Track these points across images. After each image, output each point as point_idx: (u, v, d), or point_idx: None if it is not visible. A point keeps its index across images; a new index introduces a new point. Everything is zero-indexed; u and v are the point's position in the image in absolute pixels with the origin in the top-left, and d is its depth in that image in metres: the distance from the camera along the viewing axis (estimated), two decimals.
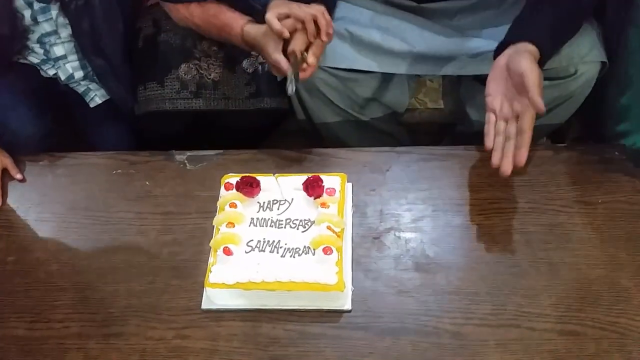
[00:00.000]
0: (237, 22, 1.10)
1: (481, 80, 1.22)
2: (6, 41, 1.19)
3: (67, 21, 1.19)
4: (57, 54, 1.23)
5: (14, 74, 1.24)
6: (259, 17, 1.05)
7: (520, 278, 0.90)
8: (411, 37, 1.17)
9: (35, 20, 1.18)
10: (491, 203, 1.00)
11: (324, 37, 0.99)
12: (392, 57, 1.17)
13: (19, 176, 1.11)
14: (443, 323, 0.86)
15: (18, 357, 0.88)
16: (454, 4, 1.18)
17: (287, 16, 0.98)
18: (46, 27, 1.19)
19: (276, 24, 0.98)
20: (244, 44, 1.11)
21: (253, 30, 1.06)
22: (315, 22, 0.98)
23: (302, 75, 1.00)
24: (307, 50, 0.99)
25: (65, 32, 1.21)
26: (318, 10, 0.98)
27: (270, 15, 0.98)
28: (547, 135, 1.31)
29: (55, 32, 1.21)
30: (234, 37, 1.11)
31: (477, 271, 0.92)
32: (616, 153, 1.06)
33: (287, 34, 0.98)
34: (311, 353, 0.85)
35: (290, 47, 0.99)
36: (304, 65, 0.99)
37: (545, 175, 1.04)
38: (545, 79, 1.12)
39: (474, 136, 1.30)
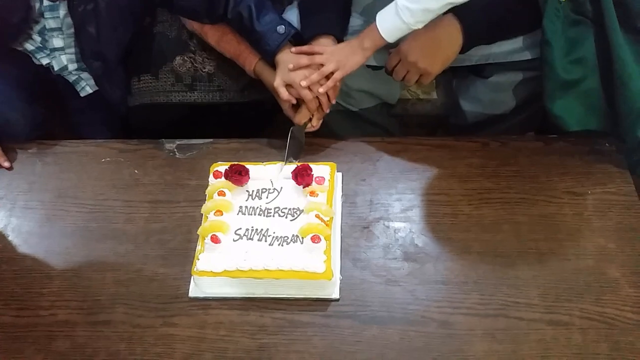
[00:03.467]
0: (249, 58, 1.14)
1: (475, 72, 1.22)
2: (13, 29, 1.18)
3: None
4: (55, 45, 1.22)
5: (7, 61, 1.23)
6: (267, 57, 1.10)
7: (508, 268, 0.90)
8: None
9: (41, 15, 1.17)
10: (480, 193, 1.00)
11: (325, 110, 1.08)
12: (383, 49, 1.17)
13: (6, 164, 1.11)
14: (431, 312, 0.86)
15: (5, 344, 0.87)
16: None
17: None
18: (51, 23, 1.18)
19: (283, 94, 1.06)
20: (253, 76, 1.17)
21: (264, 73, 1.13)
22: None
23: (307, 130, 1.09)
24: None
25: (70, 30, 1.20)
26: (322, 84, 1.03)
27: (278, 84, 1.06)
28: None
29: (59, 29, 1.20)
30: (246, 69, 1.16)
31: (466, 261, 0.92)
32: (607, 144, 1.06)
33: (294, 101, 1.07)
34: (299, 341, 0.85)
35: (295, 120, 1.08)
36: (309, 125, 1.09)
37: (535, 166, 1.04)
38: None
39: (467, 128, 1.30)
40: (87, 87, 1.29)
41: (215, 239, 0.88)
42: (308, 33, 1.09)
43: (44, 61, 1.25)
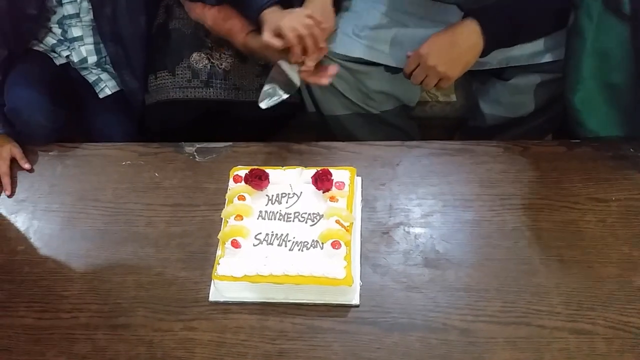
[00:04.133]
0: (240, 31, 1.14)
1: (495, 74, 1.21)
2: (32, 21, 1.20)
3: (90, 6, 1.20)
4: (75, 34, 1.24)
5: (29, 62, 1.24)
6: (253, 15, 1.08)
7: (530, 275, 0.89)
8: (422, 31, 1.16)
9: (59, 2, 1.19)
10: (502, 199, 0.99)
11: (311, 56, 1.02)
12: (403, 50, 1.16)
13: (27, 166, 1.12)
14: (452, 320, 0.86)
15: (26, 346, 0.88)
16: None
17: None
18: (69, 9, 1.21)
19: (275, 42, 1.01)
20: (245, 51, 1.16)
21: (253, 42, 1.11)
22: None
23: (303, 70, 1.04)
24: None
25: (87, 17, 1.22)
26: (307, 26, 0.99)
27: (268, 36, 1.02)
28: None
29: (77, 15, 1.22)
30: (236, 43, 1.16)
31: (487, 268, 0.91)
32: (631, 150, 1.04)
33: (286, 45, 1.02)
34: (319, 347, 0.84)
35: (288, 59, 1.04)
36: (303, 67, 1.03)
37: (558, 171, 1.02)
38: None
39: (486, 131, 1.29)
40: (106, 88, 1.30)
41: (235, 244, 0.88)
42: None
43: (64, 54, 1.26)
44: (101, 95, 1.31)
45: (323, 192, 0.94)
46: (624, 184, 1.00)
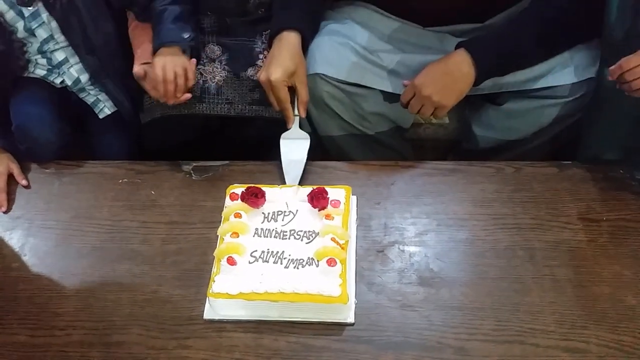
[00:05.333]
0: (139, 59, 1.19)
1: (488, 98, 1.23)
2: (4, 57, 1.19)
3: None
4: (59, 58, 1.24)
5: (32, 85, 1.25)
6: (156, 42, 1.16)
7: (524, 294, 0.90)
8: (419, 57, 1.18)
9: (30, 32, 1.18)
10: (495, 219, 1.00)
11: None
12: (398, 77, 1.19)
13: (24, 182, 1.12)
14: (447, 338, 0.86)
15: None
16: (459, 27, 1.19)
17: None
18: (42, 33, 1.20)
19: (140, 70, 1.15)
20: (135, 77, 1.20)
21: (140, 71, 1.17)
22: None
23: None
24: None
25: (62, 36, 1.22)
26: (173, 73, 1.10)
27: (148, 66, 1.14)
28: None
29: (52, 38, 1.21)
30: (134, 68, 1.20)
31: (481, 287, 0.91)
32: (621, 171, 1.06)
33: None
34: None
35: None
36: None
37: (550, 192, 1.04)
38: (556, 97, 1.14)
39: (479, 154, 1.31)
40: (105, 108, 1.31)
41: (231, 261, 0.88)
42: (274, 28, 1.13)
43: (58, 81, 1.26)
44: (101, 116, 1.31)
45: (319, 210, 0.95)
46: (615, 204, 1.01)
